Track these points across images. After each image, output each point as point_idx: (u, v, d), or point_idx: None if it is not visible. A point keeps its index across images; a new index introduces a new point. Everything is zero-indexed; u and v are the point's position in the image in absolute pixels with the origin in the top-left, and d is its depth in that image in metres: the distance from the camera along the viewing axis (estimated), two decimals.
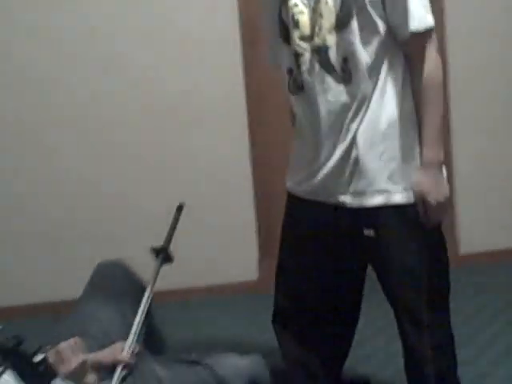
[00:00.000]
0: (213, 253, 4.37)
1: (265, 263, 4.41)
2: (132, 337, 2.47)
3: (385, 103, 2.30)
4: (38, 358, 2.18)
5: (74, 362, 2.28)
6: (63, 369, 2.25)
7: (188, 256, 2.93)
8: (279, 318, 2.70)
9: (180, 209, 2.82)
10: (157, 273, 2.71)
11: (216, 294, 3.00)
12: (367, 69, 2.27)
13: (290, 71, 2.41)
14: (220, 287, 4.27)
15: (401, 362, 2.57)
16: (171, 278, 2.67)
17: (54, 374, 2.19)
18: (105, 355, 2.43)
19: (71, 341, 2.34)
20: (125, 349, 2.42)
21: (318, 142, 2.38)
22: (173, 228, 2.84)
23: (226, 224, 4.37)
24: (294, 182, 2.54)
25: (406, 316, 2.44)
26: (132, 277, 2.82)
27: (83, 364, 2.30)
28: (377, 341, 3.49)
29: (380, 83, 2.29)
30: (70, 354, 2.29)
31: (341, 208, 2.39)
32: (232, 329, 3.86)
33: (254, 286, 4.38)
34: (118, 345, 2.46)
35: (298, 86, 2.39)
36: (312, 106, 2.36)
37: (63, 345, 2.31)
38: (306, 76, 2.35)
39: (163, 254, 2.77)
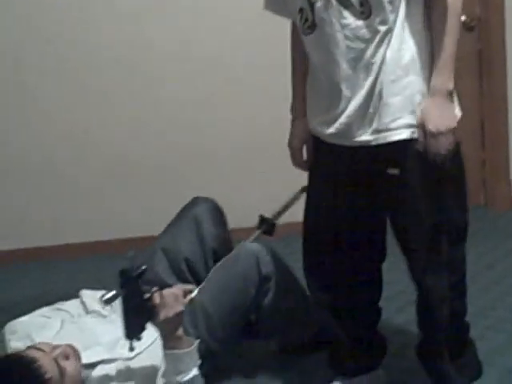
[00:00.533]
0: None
1: None
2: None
3: (406, 37, 2.26)
4: (146, 295, 2.29)
5: (173, 310, 2.34)
6: (162, 314, 2.33)
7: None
8: (308, 256, 2.66)
9: (303, 190, 2.73)
10: (254, 239, 2.91)
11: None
12: (388, 1, 2.20)
13: (301, 10, 2.32)
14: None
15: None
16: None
17: (154, 316, 2.32)
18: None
19: (176, 289, 2.42)
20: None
21: (337, 82, 2.31)
22: (288, 206, 2.97)
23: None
24: (315, 124, 2.47)
25: (425, 256, 2.40)
26: (218, 212, 3.02)
27: (179, 314, 2.37)
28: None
29: (401, 16, 2.24)
30: (172, 301, 2.35)
31: (364, 148, 2.34)
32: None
33: None
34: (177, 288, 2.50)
35: (310, 26, 2.31)
36: (328, 44, 2.29)
37: (168, 291, 2.38)
38: (321, 13, 2.26)
39: (268, 227, 2.96)
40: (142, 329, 2.31)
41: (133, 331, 2.28)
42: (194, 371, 2.42)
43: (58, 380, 2.17)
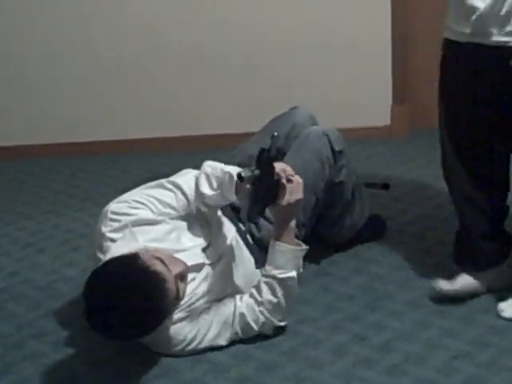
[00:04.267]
0: (347, 97, 4.47)
1: (397, 109, 4.56)
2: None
3: None
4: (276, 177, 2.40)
5: (294, 196, 2.43)
6: (285, 199, 2.42)
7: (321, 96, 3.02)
8: (452, 147, 2.70)
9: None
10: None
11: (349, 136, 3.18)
12: None
13: None
14: (353, 130, 4.26)
15: None
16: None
17: (278, 199, 2.42)
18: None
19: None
20: None
21: None
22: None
23: (362, 68, 4.43)
24: (454, 26, 2.55)
25: None
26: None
27: (299, 201, 2.46)
28: None
29: None
30: (296, 186, 2.44)
31: (500, 48, 2.43)
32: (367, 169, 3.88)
33: (387, 130, 4.56)
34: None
35: None
36: None
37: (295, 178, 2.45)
38: None
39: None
40: (264, 212, 2.49)
41: (256, 213, 2.46)
42: (293, 273, 2.51)
43: (172, 301, 2.28)
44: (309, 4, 4.35)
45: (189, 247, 2.52)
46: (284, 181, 2.42)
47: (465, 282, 2.74)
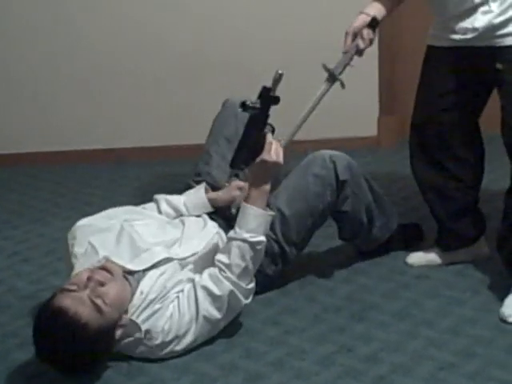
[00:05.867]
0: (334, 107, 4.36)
1: (384, 120, 4.63)
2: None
3: None
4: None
5: (274, 157, 2.52)
6: (266, 155, 2.51)
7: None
8: (415, 137, 2.92)
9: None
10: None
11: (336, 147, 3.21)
12: None
13: None
14: (339, 140, 4.24)
15: None
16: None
17: (261, 152, 2.51)
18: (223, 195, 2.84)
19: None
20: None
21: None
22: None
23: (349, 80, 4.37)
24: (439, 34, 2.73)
25: None
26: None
27: (277, 165, 2.54)
28: None
29: None
30: (277, 149, 2.54)
31: (483, 48, 2.59)
32: None
33: (374, 141, 4.62)
34: (232, 184, 2.82)
35: None
36: None
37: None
38: None
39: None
40: (247, 162, 2.57)
41: (241, 160, 2.58)
42: (263, 238, 2.55)
43: (96, 318, 2.32)
44: (297, 16, 4.38)
45: (151, 245, 2.60)
46: (270, 137, 2.53)
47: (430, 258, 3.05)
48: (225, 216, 2.85)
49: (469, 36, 2.58)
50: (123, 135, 4.60)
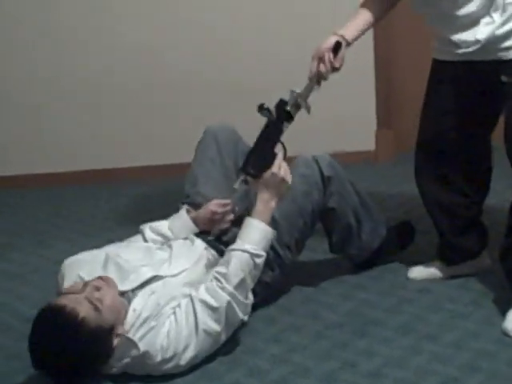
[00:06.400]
0: (331, 122, 4.48)
1: (382, 134, 4.64)
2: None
3: None
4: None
5: (281, 176, 2.62)
6: (275, 169, 2.61)
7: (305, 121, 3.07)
8: (421, 153, 2.90)
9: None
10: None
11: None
12: None
13: None
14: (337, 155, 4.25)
15: None
16: (288, 145, 2.73)
17: (270, 165, 2.61)
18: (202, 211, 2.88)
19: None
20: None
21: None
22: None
23: (345, 94, 4.42)
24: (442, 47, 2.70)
25: None
26: (241, 145, 3.09)
27: (284, 182, 2.63)
28: None
29: None
30: (285, 171, 2.65)
31: (487, 62, 2.57)
32: None
33: (372, 155, 4.65)
34: (213, 201, 2.87)
35: None
36: None
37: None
38: None
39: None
40: (256, 170, 2.62)
41: (250, 165, 2.63)
42: (263, 253, 2.58)
43: (94, 315, 2.35)
44: (291, 29, 4.41)
45: (138, 267, 2.62)
46: (281, 150, 2.63)
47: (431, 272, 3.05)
48: (214, 234, 2.89)
49: (472, 49, 2.56)
50: (118, 155, 4.62)
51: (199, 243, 2.82)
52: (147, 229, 2.90)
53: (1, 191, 4.56)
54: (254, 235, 2.57)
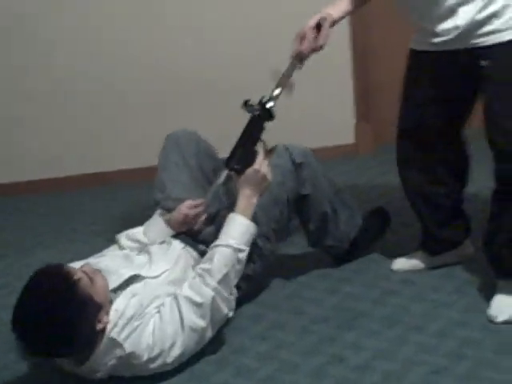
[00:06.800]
0: (310, 117, 4.49)
1: (361, 127, 4.64)
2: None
3: None
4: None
5: (263, 172, 2.69)
6: (258, 164, 2.67)
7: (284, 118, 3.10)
8: (403, 143, 2.90)
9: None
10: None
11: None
12: None
13: None
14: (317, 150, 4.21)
15: None
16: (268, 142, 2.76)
17: (254, 160, 2.66)
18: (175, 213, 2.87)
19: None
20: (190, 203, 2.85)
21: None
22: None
23: (323, 89, 4.45)
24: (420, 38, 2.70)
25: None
26: (203, 144, 3.15)
27: (264, 179, 2.70)
28: None
29: None
30: (267, 166, 2.70)
31: (466, 50, 2.55)
32: None
33: (351, 149, 4.65)
34: (185, 202, 2.86)
35: None
36: None
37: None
38: None
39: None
40: (240, 165, 2.66)
41: (234, 160, 2.68)
42: (246, 247, 2.62)
43: (88, 283, 2.37)
44: (268, 18, 4.40)
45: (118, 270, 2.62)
46: (262, 147, 2.69)
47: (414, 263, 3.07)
48: (190, 233, 2.91)
49: (451, 36, 2.54)
50: (109, 158, 4.62)
51: (177, 244, 2.83)
52: (123, 237, 2.90)
53: None
54: (238, 230, 2.61)
